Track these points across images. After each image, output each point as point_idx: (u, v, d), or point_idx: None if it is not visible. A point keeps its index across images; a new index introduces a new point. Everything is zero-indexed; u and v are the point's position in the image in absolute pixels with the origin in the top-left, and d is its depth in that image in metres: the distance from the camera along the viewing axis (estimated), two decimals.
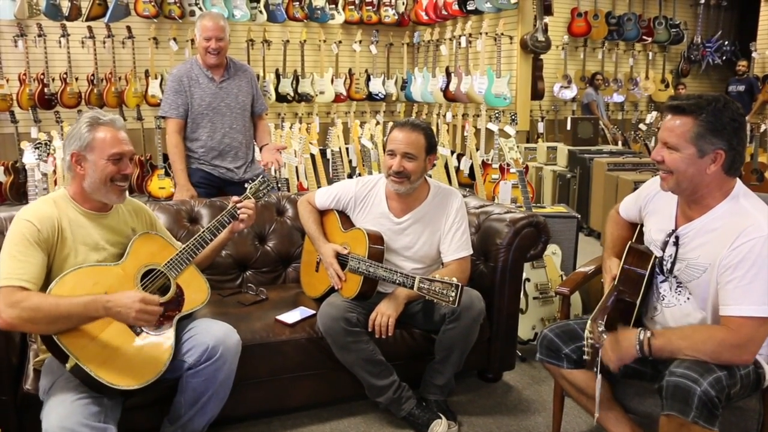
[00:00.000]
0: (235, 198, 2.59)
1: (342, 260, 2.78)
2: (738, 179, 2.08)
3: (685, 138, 1.99)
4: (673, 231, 2.15)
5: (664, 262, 2.18)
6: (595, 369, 2.08)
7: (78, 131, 2.22)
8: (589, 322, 2.02)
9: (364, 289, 2.69)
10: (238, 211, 2.53)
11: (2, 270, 2.03)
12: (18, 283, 2.00)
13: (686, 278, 2.11)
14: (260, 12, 7.87)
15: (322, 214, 3.02)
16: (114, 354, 2.08)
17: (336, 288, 2.79)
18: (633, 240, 2.39)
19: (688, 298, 2.12)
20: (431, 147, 2.78)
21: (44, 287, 2.07)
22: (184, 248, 2.38)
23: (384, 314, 2.64)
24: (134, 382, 2.06)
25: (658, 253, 2.21)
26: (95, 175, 2.21)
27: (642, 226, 2.39)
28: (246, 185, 2.70)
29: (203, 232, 2.45)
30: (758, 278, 1.90)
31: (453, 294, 2.39)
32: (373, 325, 2.64)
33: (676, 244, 2.13)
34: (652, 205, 2.31)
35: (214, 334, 2.27)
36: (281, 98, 8.20)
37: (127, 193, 2.34)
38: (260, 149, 3.98)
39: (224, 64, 3.77)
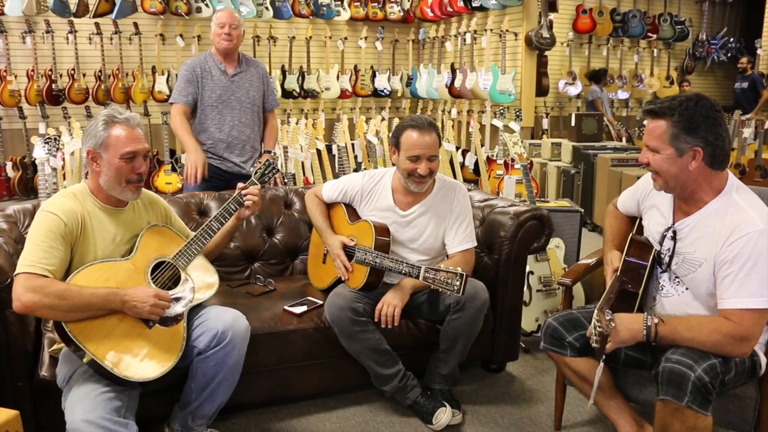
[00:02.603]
0: (240, 184, 2.63)
1: (349, 252, 2.83)
2: (730, 173, 2.13)
3: (662, 139, 2.06)
4: (671, 226, 2.20)
5: (663, 256, 2.23)
6: (602, 357, 2.12)
7: (94, 128, 2.25)
8: (595, 311, 2.06)
9: (370, 280, 2.73)
10: (244, 198, 2.57)
11: (26, 257, 2.08)
12: (41, 271, 2.05)
13: (683, 272, 2.15)
14: (266, 8, 7.91)
15: (329, 206, 3.07)
16: (129, 348, 2.13)
17: (343, 279, 2.83)
18: (633, 232, 2.43)
19: (686, 289, 2.17)
20: (440, 141, 2.85)
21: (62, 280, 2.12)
22: (192, 239, 2.43)
23: (390, 304, 2.68)
24: (150, 373, 2.12)
25: (656, 247, 2.26)
26: (110, 173, 2.25)
27: (641, 219, 2.44)
28: (250, 168, 2.74)
29: (210, 221, 2.49)
30: (754, 271, 1.95)
31: (458, 283, 2.44)
32: (379, 315, 2.69)
33: (674, 238, 2.18)
34: (650, 200, 2.36)
35: (224, 320, 2.31)
36: (287, 94, 8.24)
37: (142, 189, 2.38)
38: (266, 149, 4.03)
39: (237, 59, 3.83)
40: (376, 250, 2.73)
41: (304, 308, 2.82)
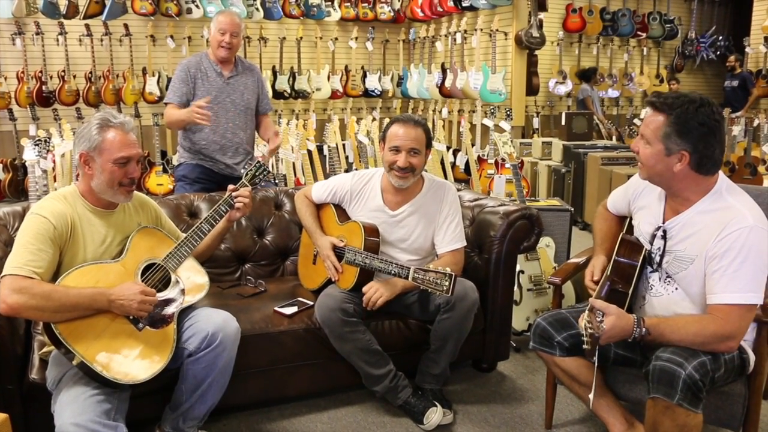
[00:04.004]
0: (231, 186, 2.63)
1: (339, 252, 2.83)
2: (720, 173, 2.13)
3: (656, 134, 2.06)
4: (661, 225, 2.21)
5: (653, 255, 2.24)
6: (593, 359, 2.12)
7: (88, 132, 2.24)
8: (586, 312, 2.06)
9: (360, 280, 2.74)
10: (234, 200, 2.57)
11: (13, 259, 2.08)
12: (27, 273, 2.05)
13: (674, 270, 2.16)
14: (257, 9, 7.91)
15: (319, 207, 3.07)
16: (119, 350, 2.13)
17: (333, 280, 2.84)
18: (623, 232, 2.44)
19: (676, 289, 2.18)
20: (430, 141, 2.86)
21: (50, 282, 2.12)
22: (182, 241, 2.43)
23: (378, 291, 2.69)
24: (140, 375, 2.12)
25: (646, 246, 2.27)
26: (102, 177, 2.24)
27: (631, 219, 2.44)
28: (242, 170, 2.74)
29: (200, 223, 2.49)
30: (744, 267, 1.96)
31: (447, 283, 2.45)
32: (366, 298, 2.70)
33: (664, 237, 2.19)
34: (641, 200, 2.37)
35: (214, 322, 2.31)
36: (278, 95, 8.24)
37: (134, 192, 2.37)
38: (265, 140, 4.04)
39: (233, 61, 3.82)
40: (366, 251, 2.73)
41: (294, 309, 2.82)
